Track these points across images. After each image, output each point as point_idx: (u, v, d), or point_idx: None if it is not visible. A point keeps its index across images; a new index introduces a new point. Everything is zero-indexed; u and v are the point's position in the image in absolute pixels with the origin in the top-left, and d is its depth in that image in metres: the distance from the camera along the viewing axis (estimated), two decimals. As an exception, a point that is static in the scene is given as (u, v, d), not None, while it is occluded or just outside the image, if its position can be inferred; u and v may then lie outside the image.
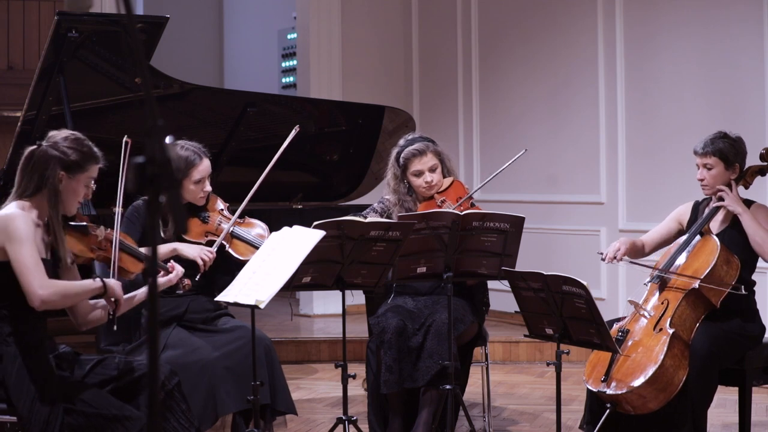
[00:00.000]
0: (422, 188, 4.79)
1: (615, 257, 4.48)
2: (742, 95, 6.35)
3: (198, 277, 4.38)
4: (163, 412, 3.57)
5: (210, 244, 4.46)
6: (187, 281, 4.06)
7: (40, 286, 3.45)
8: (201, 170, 4.44)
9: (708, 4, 6.53)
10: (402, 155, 4.82)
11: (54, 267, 3.59)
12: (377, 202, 4.93)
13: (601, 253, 4.55)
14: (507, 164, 4.82)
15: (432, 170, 4.78)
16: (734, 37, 6.37)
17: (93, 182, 3.67)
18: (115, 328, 3.73)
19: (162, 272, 3.86)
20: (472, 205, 4.77)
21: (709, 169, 4.38)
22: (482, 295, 4.90)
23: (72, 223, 3.68)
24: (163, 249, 4.32)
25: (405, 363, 4.54)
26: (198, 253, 4.38)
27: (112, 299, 3.67)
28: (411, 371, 4.53)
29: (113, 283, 3.65)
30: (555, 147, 7.46)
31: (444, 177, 4.84)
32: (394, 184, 4.86)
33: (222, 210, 4.58)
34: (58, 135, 3.63)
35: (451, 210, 4.53)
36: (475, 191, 4.99)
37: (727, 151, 4.37)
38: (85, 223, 3.73)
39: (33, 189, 3.56)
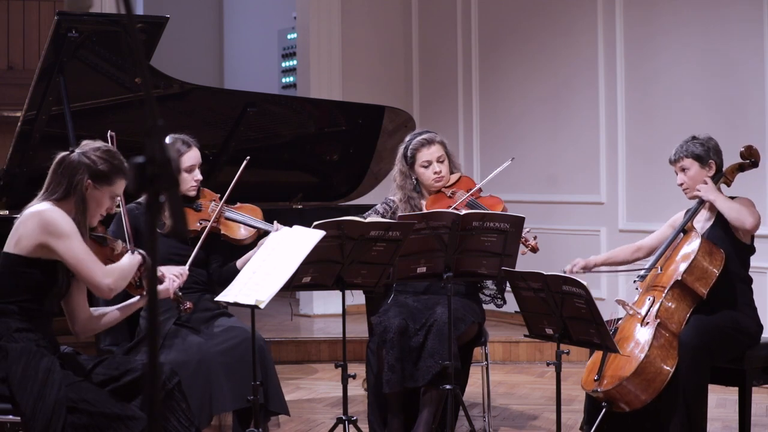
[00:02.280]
0: (431, 179, 4.79)
1: (572, 269, 4.56)
2: (742, 95, 6.35)
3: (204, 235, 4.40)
4: (163, 411, 3.58)
5: (203, 229, 4.46)
6: (189, 304, 4.05)
7: (104, 275, 3.54)
8: (191, 157, 4.46)
9: (708, 4, 6.53)
10: (410, 147, 4.84)
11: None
12: (380, 204, 4.92)
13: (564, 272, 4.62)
14: (501, 167, 4.82)
15: (440, 161, 4.80)
16: (734, 37, 6.37)
17: (118, 198, 3.71)
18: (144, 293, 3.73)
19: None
20: (480, 197, 4.78)
21: (685, 171, 4.48)
22: (499, 291, 4.91)
23: (92, 234, 3.70)
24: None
25: (406, 362, 4.54)
26: (166, 287, 4.02)
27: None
28: (412, 371, 4.53)
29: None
30: (555, 147, 7.46)
31: (451, 173, 4.85)
32: (401, 180, 4.86)
33: (215, 200, 4.60)
34: (92, 144, 3.66)
35: (464, 198, 4.60)
36: (484, 182, 4.87)
37: (698, 150, 4.48)
38: (104, 235, 3.75)
39: (62, 193, 3.59)
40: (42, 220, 3.51)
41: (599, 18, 7.12)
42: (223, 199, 4.53)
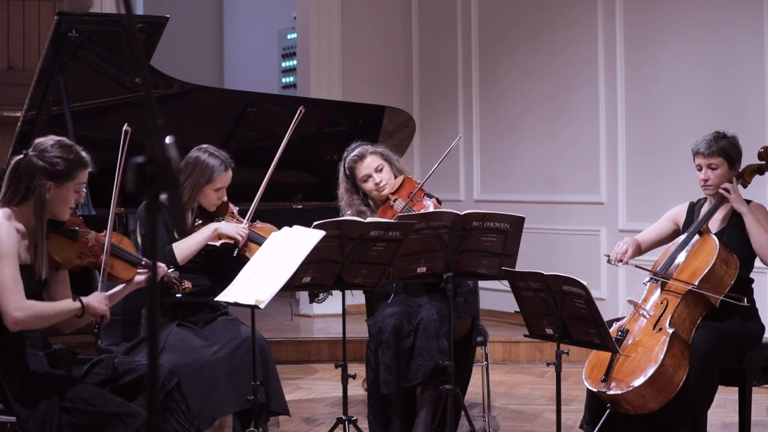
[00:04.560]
0: (374, 192, 4.78)
1: (621, 260, 4.46)
2: (742, 95, 6.35)
3: (236, 252, 4.47)
4: (162, 412, 3.57)
5: (224, 246, 4.48)
6: (187, 284, 4.05)
7: (16, 308, 3.42)
8: (225, 179, 4.52)
9: (708, 4, 6.53)
10: (346, 166, 4.83)
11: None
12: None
13: (608, 256, 4.53)
14: (445, 154, 4.73)
15: (378, 170, 4.78)
16: (734, 37, 6.37)
17: (83, 187, 3.64)
18: (99, 343, 3.81)
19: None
20: (428, 197, 4.73)
21: (714, 168, 4.37)
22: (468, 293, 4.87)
23: (63, 228, 3.64)
24: (206, 231, 4.44)
25: (401, 363, 4.54)
26: (236, 230, 4.48)
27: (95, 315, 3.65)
28: (405, 371, 4.54)
29: (93, 300, 3.60)
30: (555, 147, 7.46)
31: (395, 177, 4.82)
32: (347, 198, 4.83)
33: (233, 213, 4.63)
34: (46, 143, 3.58)
35: (403, 207, 4.60)
36: (423, 182, 4.74)
37: (730, 150, 4.38)
38: (75, 228, 3.68)
39: (19, 198, 3.54)
40: None
41: (599, 18, 7.12)
42: (246, 218, 4.58)
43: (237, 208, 4.66)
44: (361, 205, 4.82)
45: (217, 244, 4.48)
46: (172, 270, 4.00)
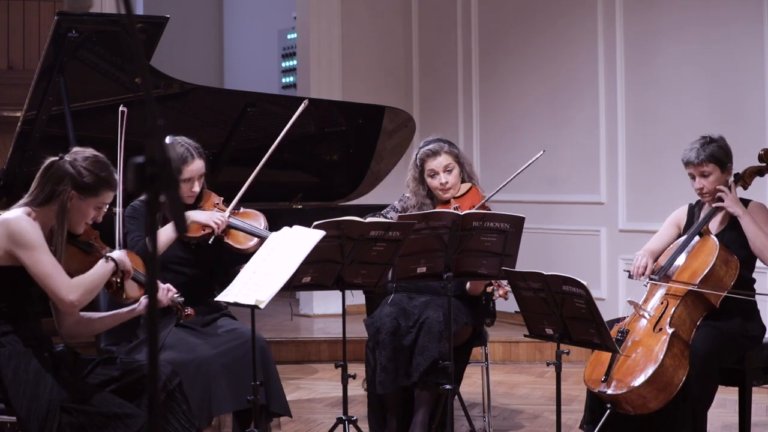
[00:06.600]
0: (437, 190, 4.80)
1: (644, 274, 4.40)
2: (742, 96, 6.35)
3: (212, 239, 4.38)
4: (164, 412, 3.57)
5: (208, 237, 4.43)
6: (189, 310, 4.04)
7: (68, 290, 3.49)
8: (191, 169, 4.38)
9: (708, 4, 6.53)
10: (419, 156, 4.85)
11: None
12: (398, 200, 4.92)
13: (628, 272, 4.45)
14: (525, 166, 4.75)
15: (447, 171, 4.78)
16: (734, 37, 6.37)
17: (105, 207, 3.65)
18: (125, 296, 3.75)
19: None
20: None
21: (707, 176, 4.37)
22: (487, 306, 4.86)
23: (78, 240, 3.66)
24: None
25: (399, 362, 4.54)
26: (209, 217, 4.39)
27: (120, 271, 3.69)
28: (407, 369, 4.54)
29: (119, 255, 3.67)
30: (555, 147, 7.46)
31: (463, 182, 4.84)
32: (414, 186, 4.87)
33: (217, 203, 4.56)
34: (81, 153, 3.60)
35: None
36: (490, 197, 4.83)
37: (718, 153, 4.37)
38: (90, 242, 3.70)
39: (43, 200, 3.55)
40: (8, 229, 3.47)
41: (599, 18, 7.12)
42: (230, 207, 4.50)
43: (222, 198, 4.60)
44: (425, 197, 4.84)
45: (199, 234, 4.44)
46: (177, 295, 3.99)
